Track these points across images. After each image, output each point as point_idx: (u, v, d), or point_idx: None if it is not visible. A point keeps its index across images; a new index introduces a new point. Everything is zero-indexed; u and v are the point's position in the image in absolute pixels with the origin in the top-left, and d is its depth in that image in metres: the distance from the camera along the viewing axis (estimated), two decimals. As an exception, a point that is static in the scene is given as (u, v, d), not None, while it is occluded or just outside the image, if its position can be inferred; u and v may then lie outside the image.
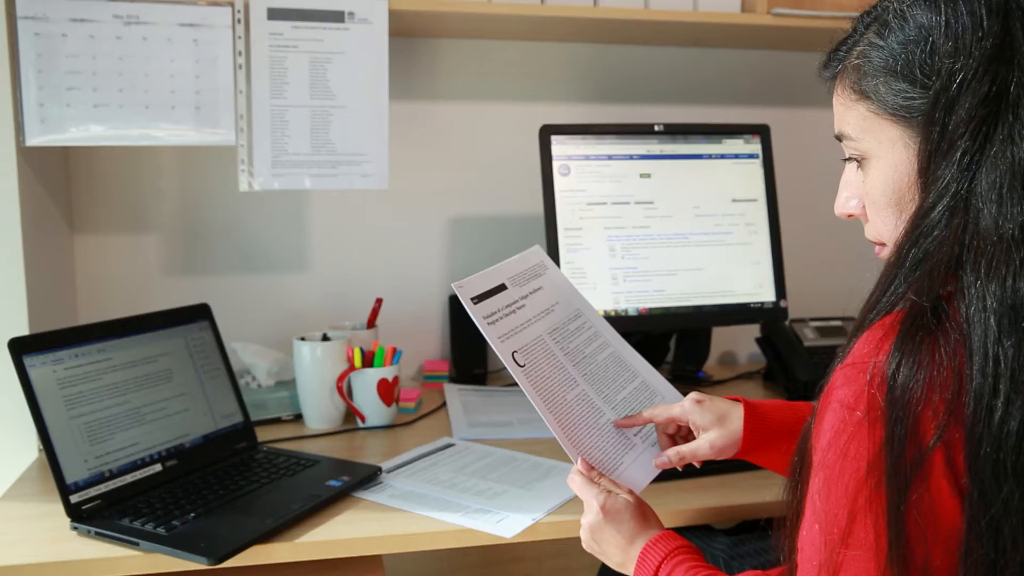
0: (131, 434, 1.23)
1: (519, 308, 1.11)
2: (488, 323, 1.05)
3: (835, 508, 0.71)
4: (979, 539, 0.66)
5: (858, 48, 0.81)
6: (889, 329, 0.71)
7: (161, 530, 1.09)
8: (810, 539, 0.74)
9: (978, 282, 0.68)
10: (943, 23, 0.74)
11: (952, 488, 0.67)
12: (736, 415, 1.08)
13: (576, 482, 1.02)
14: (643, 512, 1.00)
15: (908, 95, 0.76)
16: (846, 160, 0.85)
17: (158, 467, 1.25)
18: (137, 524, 1.11)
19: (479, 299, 1.06)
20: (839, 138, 0.84)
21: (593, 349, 1.15)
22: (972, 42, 0.72)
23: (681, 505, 1.21)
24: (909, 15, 0.76)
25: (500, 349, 1.04)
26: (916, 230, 0.74)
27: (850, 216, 0.87)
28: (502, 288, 1.10)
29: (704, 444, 1.07)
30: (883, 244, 0.83)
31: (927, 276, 0.72)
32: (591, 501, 0.99)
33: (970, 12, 0.73)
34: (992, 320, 0.67)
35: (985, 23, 0.72)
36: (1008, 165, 0.70)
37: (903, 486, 0.67)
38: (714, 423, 1.07)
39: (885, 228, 0.82)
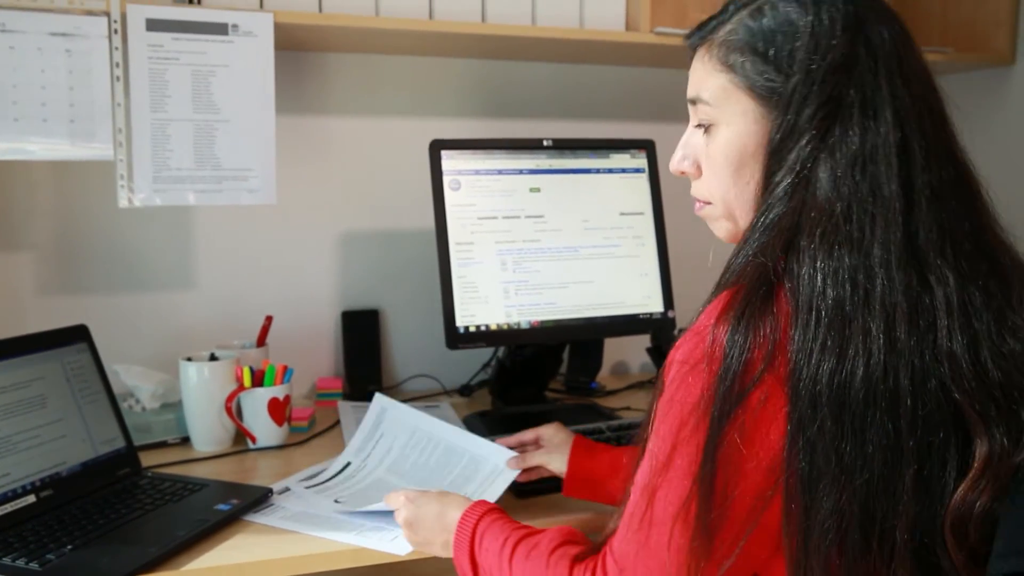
0: (1, 465, 1.17)
1: (360, 469, 1.35)
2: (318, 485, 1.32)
3: (661, 443, 0.81)
4: (798, 455, 0.76)
5: (729, 25, 0.88)
6: (730, 298, 0.81)
7: (34, 565, 1.04)
8: (640, 474, 0.84)
9: (811, 246, 0.79)
10: (809, 23, 0.83)
11: (772, 417, 0.77)
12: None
13: (388, 497, 1.13)
14: (445, 494, 1.10)
15: (769, 77, 0.84)
16: (695, 127, 0.93)
17: (31, 498, 1.19)
18: (7, 560, 1.05)
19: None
20: (692, 102, 0.92)
21: (426, 457, 1.34)
22: (826, 48, 0.82)
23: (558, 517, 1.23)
24: (781, 8, 0.85)
25: (318, 498, 1.27)
26: (766, 202, 0.84)
27: (682, 173, 0.96)
28: (347, 466, 1.37)
29: (544, 459, 1.26)
30: (709, 203, 0.93)
31: (770, 241, 0.82)
32: (395, 498, 1.11)
33: (830, 20, 0.83)
34: (818, 278, 0.78)
35: (837, 36, 0.82)
36: (840, 156, 0.81)
37: (725, 415, 0.77)
38: (558, 448, 1.26)
39: (718, 188, 0.91)
